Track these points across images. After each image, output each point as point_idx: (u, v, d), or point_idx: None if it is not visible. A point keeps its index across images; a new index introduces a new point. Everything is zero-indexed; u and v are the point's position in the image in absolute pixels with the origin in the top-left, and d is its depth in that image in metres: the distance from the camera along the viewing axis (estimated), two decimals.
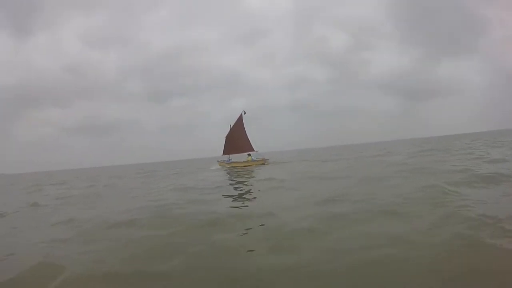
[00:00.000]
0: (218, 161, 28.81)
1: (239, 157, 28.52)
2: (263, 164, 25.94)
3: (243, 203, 7.70)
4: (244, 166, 25.50)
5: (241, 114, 28.40)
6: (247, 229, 4.79)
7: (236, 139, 28.15)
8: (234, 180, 13.77)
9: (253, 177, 14.94)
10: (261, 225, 4.94)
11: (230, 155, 28.47)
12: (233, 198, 8.49)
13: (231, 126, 28.73)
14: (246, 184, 11.99)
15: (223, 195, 8.95)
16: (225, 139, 28.83)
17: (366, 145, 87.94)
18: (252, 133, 28.90)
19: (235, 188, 10.85)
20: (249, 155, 27.65)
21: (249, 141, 28.50)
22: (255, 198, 8.53)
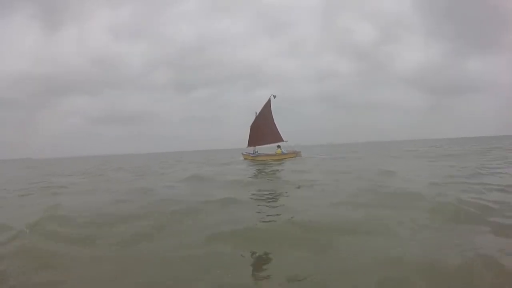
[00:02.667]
0: (242, 154, 25.33)
1: (266, 149, 24.92)
2: (295, 157, 22.31)
3: None
4: (273, 159, 21.77)
5: (269, 99, 24.35)
6: None
7: (263, 128, 24.18)
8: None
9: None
10: None
11: (257, 147, 24.77)
12: None
13: (257, 113, 24.78)
14: None
15: None
16: (250, 128, 25.03)
17: (394, 143, 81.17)
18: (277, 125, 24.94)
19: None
20: (279, 147, 23.88)
21: (277, 130, 24.55)
22: None
